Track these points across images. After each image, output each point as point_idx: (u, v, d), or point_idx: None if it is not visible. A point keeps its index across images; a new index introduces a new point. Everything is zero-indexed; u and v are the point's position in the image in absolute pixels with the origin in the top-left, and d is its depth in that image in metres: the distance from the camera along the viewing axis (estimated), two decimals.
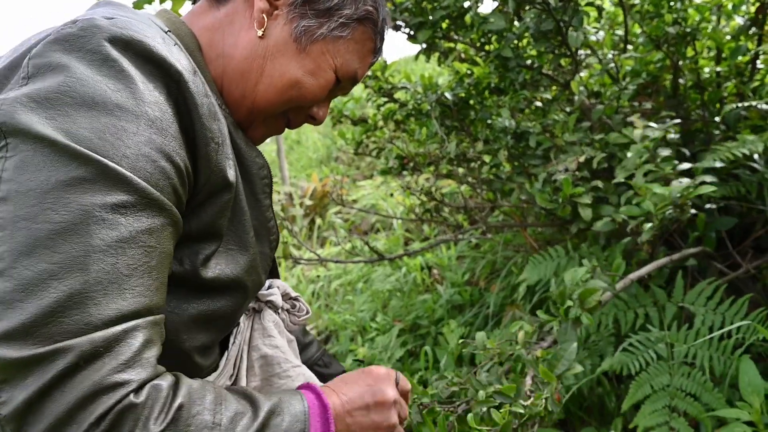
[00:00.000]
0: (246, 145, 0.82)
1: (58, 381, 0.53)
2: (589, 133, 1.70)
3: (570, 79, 1.81)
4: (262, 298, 0.94)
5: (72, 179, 0.56)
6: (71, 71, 0.60)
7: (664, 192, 1.06)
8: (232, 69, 0.80)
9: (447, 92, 2.04)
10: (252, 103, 0.81)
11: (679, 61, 1.83)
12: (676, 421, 1.30)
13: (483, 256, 2.83)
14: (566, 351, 0.98)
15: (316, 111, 0.88)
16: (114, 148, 0.59)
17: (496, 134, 1.92)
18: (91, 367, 0.54)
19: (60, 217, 0.55)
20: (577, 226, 1.67)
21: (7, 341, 0.53)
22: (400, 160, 2.14)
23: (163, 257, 0.63)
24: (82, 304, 0.55)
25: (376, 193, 4.39)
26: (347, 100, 2.49)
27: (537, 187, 1.68)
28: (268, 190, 0.86)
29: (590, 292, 1.09)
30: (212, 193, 0.72)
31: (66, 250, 0.55)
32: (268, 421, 0.65)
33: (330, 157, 6.46)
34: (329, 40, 0.81)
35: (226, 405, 0.63)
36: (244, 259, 0.79)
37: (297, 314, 1.00)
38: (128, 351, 0.56)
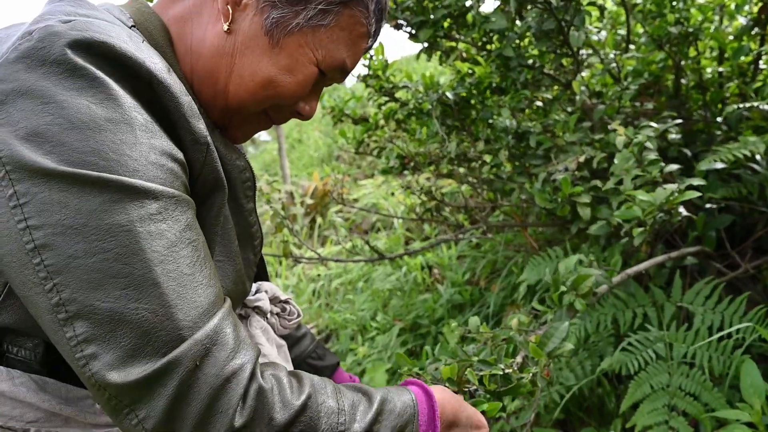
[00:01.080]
0: (225, 147, 0.75)
1: (185, 386, 0.56)
2: (590, 133, 1.70)
3: (571, 78, 1.80)
4: (249, 304, 0.91)
5: (101, 204, 0.55)
6: (46, 94, 0.56)
7: (650, 198, 1.07)
8: (201, 67, 0.73)
9: (448, 91, 2.04)
10: (224, 104, 0.74)
11: (681, 61, 1.82)
12: (676, 420, 1.30)
13: (483, 255, 2.82)
14: (557, 329, 0.97)
15: (302, 107, 0.79)
16: (122, 165, 0.57)
17: (497, 134, 1.92)
18: (207, 363, 0.57)
19: (109, 245, 0.55)
20: (577, 225, 1.67)
21: (120, 368, 0.55)
22: (400, 159, 2.13)
23: (205, 245, 0.64)
24: (168, 314, 0.56)
25: (377, 193, 4.38)
26: (348, 99, 2.49)
27: (536, 186, 1.68)
28: (250, 193, 0.80)
29: (583, 278, 1.10)
30: (203, 198, 0.69)
31: (130, 272, 0.55)
32: (383, 407, 0.69)
33: (331, 155, 6.46)
34: (307, 30, 0.71)
35: (343, 394, 0.67)
36: (231, 270, 0.75)
37: (287, 318, 0.97)
38: (229, 338, 0.59)
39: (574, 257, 1.16)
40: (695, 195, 1.08)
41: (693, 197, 1.08)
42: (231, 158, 0.75)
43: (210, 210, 0.70)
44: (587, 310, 1.08)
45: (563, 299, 1.09)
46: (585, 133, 1.68)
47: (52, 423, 0.67)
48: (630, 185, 1.19)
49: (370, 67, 2.14)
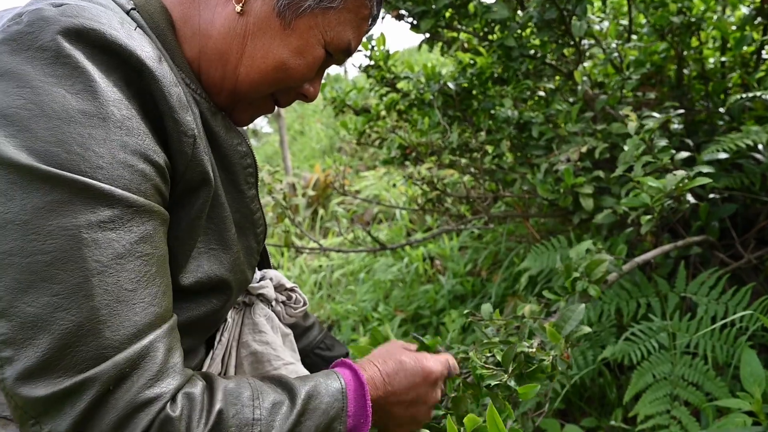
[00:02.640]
0: (227, 131, 0.75)
1: (93, 408, 0.53)
2: (592, 124, 1.70)
3: (573, 69, 1.80)
4: (253, 291, 0.90)
5: (48, 204, 0.53)
6: (24, 78, 0.55)
7: (659, 185, 1.06)
8: (210, 49, 0.71)
9: (450, 82, 2.03)
10: (233, 86, 0.73)
11: (683, 52, 1.81)
12: (678, 410, 1.30)
13: (485, 246, 2.82)
14: (574, 312, 0.96)
15: (307, 88, 0.79)
16: (85, 161, 0.54)
17: (499, 124, 1.92)
18: (121, 388, 0.54)
19: (48, 247, 0.52)
20: (579, 216, 1.67)
21: (31, 379, 0.52)
22: (402, 150, 2.13)
23: (162, 260, 0.61)
24: (95, 330, 0.53)
25: (378, 184, 4.38)
26: (350, 90, 2.48)
27: (539, 177, 1.68)
28: (252, 180, 0.79)
29: (596, 264, 1.08)
30: (189, 191, 0.67)
31: (64, 279, 0.53)
32: (307, 406, 0.66)
33: (333, 147, 6.45)
34: (317, 12, 0.71)
35: (263, 397, 0.64)
36: (227, 258, 0.74)
37: (293, 306, 0.95)
38: (153, 364, 0.56)
39: (585, 243, 1.16)
40: (706, 181, 1.08)
41: (702, 184, 1.07)
42: (232, 143, 0.75)
43: (194, 203, 0.68)
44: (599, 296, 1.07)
45: (576, 285, 1.08)
46: (587, 124, 1.68)
47: None
48: (641, 172, 1.18)
49: (372, 57, 2.14)
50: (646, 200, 1.06)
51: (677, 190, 1.05)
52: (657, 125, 1.20)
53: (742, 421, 1.04)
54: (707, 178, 1.09)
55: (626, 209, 1.23)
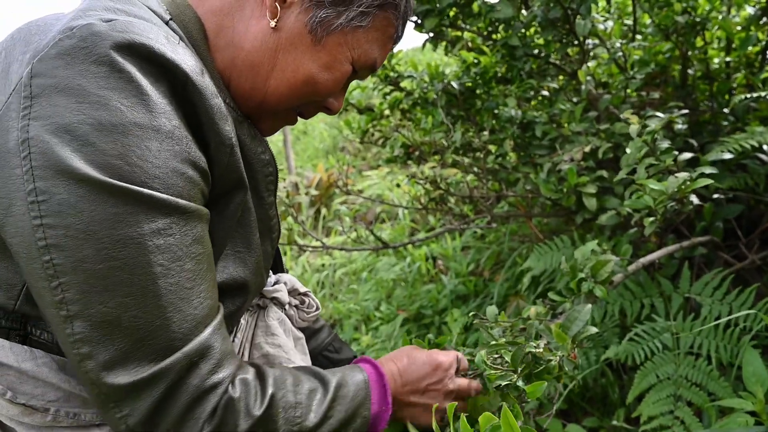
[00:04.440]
0: (252, 140, 0.77)
1: (168, 394, 0.61)
2: (596, 123, 1.69)
3: (577, 68, 1.79)
4: (267, 295, 0.92)
5: (115, 215, 0.58)
6: (82, 93, 0.58)
7: (661, 187, 1.06)
8: (241, 60, 0.74)
9: (453, 81, 2.03)
10: (263, 97, 0.76)
11: (688, 52, 1.81)
12: (681, 410, 1.30)
13: (488, 246, 2.82)
14: (580, 312, 0.96)
15: (331, 102, 0.83)
16: (144, 172, 0.59)
17: (502, 124, 1.91)
18: (191, 375, 0.62)
19: (119, 254, 0.58)
20: (582, 216, 1.67)
21: (113, 370, 0.59)
22: (405, 149, 2.13)
23: (210, 256, 0.67)
24: (163, 325, 0.60)
25: (382, 184, 4.38)
26: (353, 88, 2.48)
27: (542, 176, 1.68)
28: (272, 187, 0.83)
29: (602, 264, 1.08)
30: (223, 194, 0.71)
31: (133, 282, 0.58)
32: (338, 392, 0.74)
33: (336, 147, 6.46)
34: (347, 30, 0.75)
35: (302, 384, 0.72)
36: (251, 261, 0.78)
37: (306, 310, 0.98)
38: (216, 352, 0.64)
39: (590, 244, 1.15)
40: (707, 182, 1.07)
41: (704, 185, 1.07)
42: (257, 151, 0.78)
43: (228, 206, 0.72)
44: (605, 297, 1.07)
45: (582, 286, 1.08)
46: (591, 123, 1.67)
47: (71, 403, 0.69)
48: (644, 174, 1.18)
49: None
50: (649, 202, 1.06)
51: (680, 192, 1.05)
52: (659, 127, 1.19)
53: (744, 421, 1.04)
54: (709, 180, 1.08)
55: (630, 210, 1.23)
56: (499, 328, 1.02)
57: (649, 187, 1.07)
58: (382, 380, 0.80)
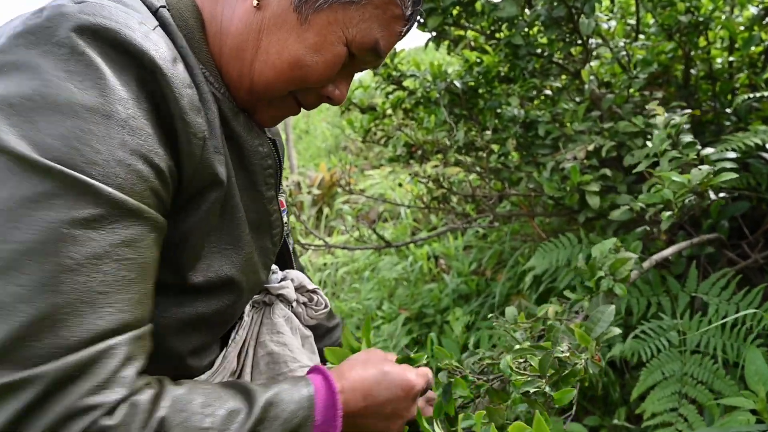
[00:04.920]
0: (248, 131, 0.74)
1: (33, 406, 0.51)
2: (599, 122, 1.69)
3: (580, 68, 1.80)
4: (273, 291, 0.89)
5: (37, 195, 0.52)
6: (36, 71, 0.55)
7: (683, 180, 1.04)
8: (228, 46, 0.71)
9: (456, 80, 2.04)
10: (250, 84, 0.72)
11: (691, 51, 1.81)
12: (685, 408, 1.30)
13: (490, 246, 2.82)
14: (603, 313, 0.93)
15: (331, 90, 0.75)
16: (82, 156, 0.54)
17: (505, 123, 1.92)
18: (64, 391, 0.51)
19: (26, 237, 0.52)
20: (585, 215, 1.67)
21: None
22: (408, 148, 2.14)
23: (145, 267, 0.59)
24: (53, 327, 0.51)
25: (384, 183, 4.39)
26: (356, 87, 2.49)
27: (545, 175, 1.68)
28: (271, 181, 0.78)
29: (621, 262, 1.05)
30: (199, 192, 0.66)
31: (34, 271, 0.51)
32: (266, 413, 0.62)
33: (338, 146, 6.46)
34: (337, 7, 0.68)
35: (219, 404, 0.60)
36: (238, 258, 0.73)
37: (315, 308, 0.94)
38: (104, 371, 0.53)
39: (608, 241, 1.12)
40: (732, 176, 1.05)
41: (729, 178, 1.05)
42: (253, 144, 0.74)
43: (201, 205, 0.66)
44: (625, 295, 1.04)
45: (601, 284, 1.04)
46: (594, 122, 1.68)
47: None
48: (667, 167, 1.16)
49: None
50: (669, 196, 1.04)
51: (702, 185, 1.03)
52: (684, 120, 1.19)
53: (746, 420, 1.04)
54: (732, 173, 1.06)
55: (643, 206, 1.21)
56: (521, 330, 0.99)
57: (671, 180, 1.05)
58: (333, 398, 0.68)
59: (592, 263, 1.07)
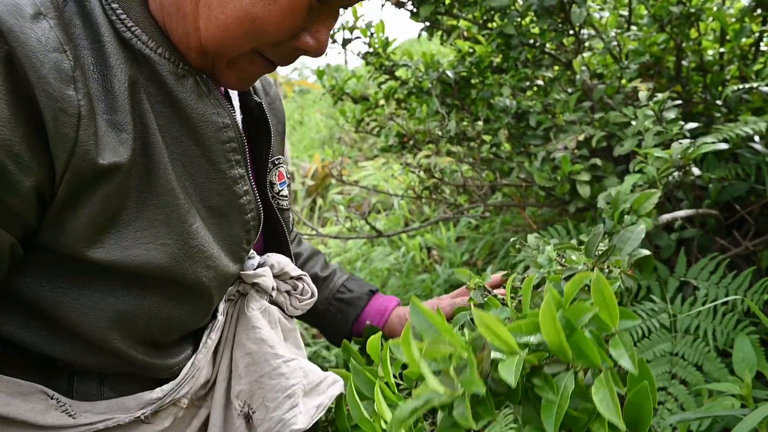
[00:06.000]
0: (198, 98, 0.64)
1: None
2: (590, 113, 1.70)
3: (572, 58, 1.80)
4: (248, 280, 0.79)
5: None
6: None
7: (665, 155, 1.04)
8: (167, 2, 0.61)
9: (448, 70, 2.03)
10: (199, 44, 0.62)
11: (682, 43, 1.81)
12: (675, 388, 1.32)
13: (481, 237, 2.83)
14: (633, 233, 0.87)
15: (304, 41, 0.64)
16: None
17: (497, 114, 1.92)
18: None
19: None
20: (576, 204, 1.68)
21: None
22: (400, 138, 2.14)
23: None
24: None
25: (377, 174, 4.39)
26: (349, 77, 2.48)
27: (535, 165, 1.69)
28: (236, 156, 0.68)
29: (646, 197, 0.97)
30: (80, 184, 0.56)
31: None
32: None
33: (332, 138, 6.45)
34: None
35: None
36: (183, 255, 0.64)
37: (300, 297, 0.86)
38: None
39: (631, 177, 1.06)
40: (713, 148, 1.04)
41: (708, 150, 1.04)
42: (205, 112, 0.64)
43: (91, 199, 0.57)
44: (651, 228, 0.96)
45: (624, 219, 0.97)
46: (585, 113, 1.68)
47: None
48: (651, 142, 1.15)
49: (371, 44, 2.14)
50: (652, 173, 1.03)
51: (684, 158, 1.02)
52: (667, 95, 1.19)
53: (730, 404, 1.05)
54: (712, 145, 1.06)
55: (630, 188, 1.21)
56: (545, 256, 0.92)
57: (654, 156, 1.04)
58: None
59: (615, 198, 1.00)
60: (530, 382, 0.58)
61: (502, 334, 0.57)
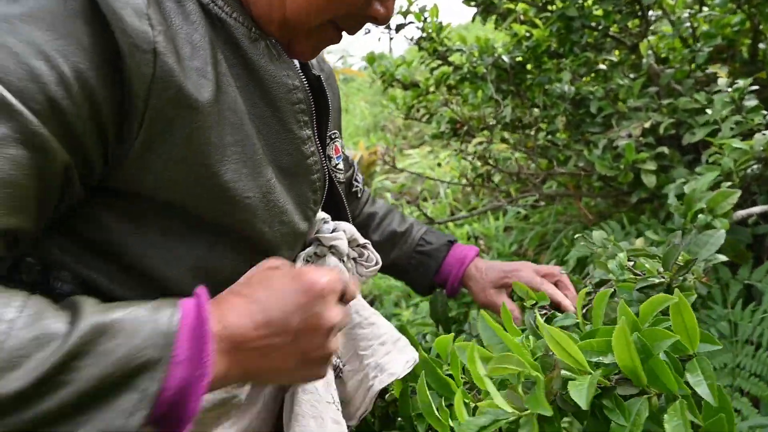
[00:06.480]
0: (270, 60, 0.66)
1: None
2: (657, 98, 1.62)
3: (638, 41, 1.71)
4: (326, 243, 0.81)
5: None
6: None
7: (745, 146, 0.97)
8: None
9: (504, 55, 1.98)
10: (282, 16, 0.65)
11: (759, 24, 1.70)
12: (739, 401, 1.25)
13: (531, 227, 2.77)
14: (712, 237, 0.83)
15: (376, 9, 0.67)
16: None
17: (554, 100, 1.85)
18: None
19: None
20: (638, 195, 1.60)
21: None
22: (452, 124, 2.10)
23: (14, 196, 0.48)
24: None
25: (423, 162, 4.35)
26: (399, 63, 2.45)
27: (596, 153, 1.62)
28: (304, 118, 0.71)
29: (724, 196, 0.92)
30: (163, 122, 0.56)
31: None
32: (88, 345, 0.45)
33: (377, 126, 6.43)
34: None
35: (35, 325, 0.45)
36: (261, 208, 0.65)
37: (365, 264, 0.86)
38: None
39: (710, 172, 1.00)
40: None
41: None
42: (277, 74, 0.67)
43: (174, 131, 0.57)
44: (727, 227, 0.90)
45: (698, 219, 0.93)
46: (651, 98, 1.60)
47: None
48: (729, 133, 1.08)
49: (425, 29, 2.10)
50: (729, 164, 0.97)
51: (766, 150, 0.95)
52: (749, 82, 1.11)
53: None
54: None
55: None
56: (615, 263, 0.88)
57: (731, 147, 0.98)
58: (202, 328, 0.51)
59: (689, 197, 0.95)
60: (599, 400, 0.56)
61: (574, 354, 0.55)
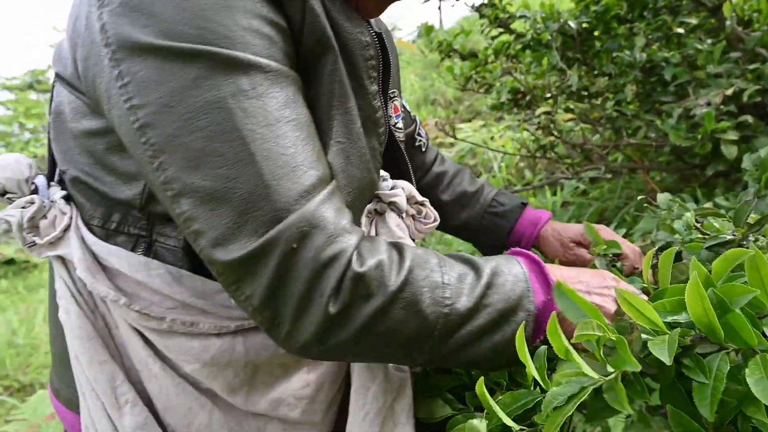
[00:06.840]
0: (347, 19, 0.70)
1: (284, 268, 0.55)
2: (741, 64, 1.51)
3: (720, 2, 1.60)
4: (385, 199, 0.83)
5: (192, 81, 0.54)
6: None
7: None
8: None
9: (570, 21, 1.89)
10: None
11: None
12: None
13: (590, 203, 2.68)
14: None
15: None
16: (213, 33, 0.55)
17: (623, 68, 1.77)
18: (304, 247, 0.55)
19: (203, 123, 0.54)
20: (715, 168, 1.52)
21: (223, 246, 0.55)
22: (513, 94, 2.03)
23: (308, 124, 0.60)
24: (265, 194, 0.55)
25: (475, 136, 4.27)
26: (457, 33, 2.39)
27: (670, 123, 1.54)
28: (374, 73, 0.74)
29: None
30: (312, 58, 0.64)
31: (225, 151, 0.55)
32: (493, 279, 0.62)
33: (427, 100, 6.35)
34: None
35: (449, 266, 0.62)
36: (355, 153, 0.69)
37: (423, 221, 0.88)
38: (327, 224, 0.57)
39: None
40: None
41: None
42: (353, 30, 0.70)
43: (322, 71, 0.65)
44: None
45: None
46: (735, 63, 1.50)
47: (189, 312, 0.69)
48: None
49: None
50: None
51: None
52: None
53: None
54: None
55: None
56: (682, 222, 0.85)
57: None
58: (542, 270, 0.66)
59: (764, 160, 0.92)
60: (678, 361, 0.54)
61: (649, 314, 0.54)
